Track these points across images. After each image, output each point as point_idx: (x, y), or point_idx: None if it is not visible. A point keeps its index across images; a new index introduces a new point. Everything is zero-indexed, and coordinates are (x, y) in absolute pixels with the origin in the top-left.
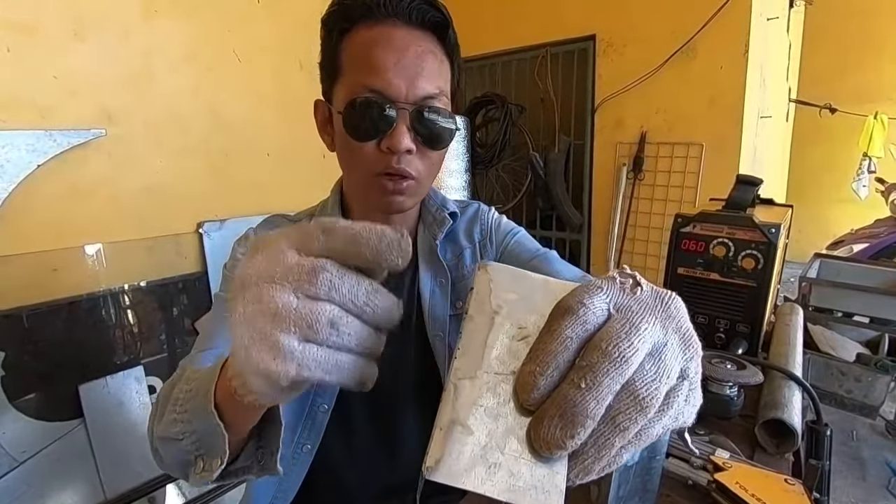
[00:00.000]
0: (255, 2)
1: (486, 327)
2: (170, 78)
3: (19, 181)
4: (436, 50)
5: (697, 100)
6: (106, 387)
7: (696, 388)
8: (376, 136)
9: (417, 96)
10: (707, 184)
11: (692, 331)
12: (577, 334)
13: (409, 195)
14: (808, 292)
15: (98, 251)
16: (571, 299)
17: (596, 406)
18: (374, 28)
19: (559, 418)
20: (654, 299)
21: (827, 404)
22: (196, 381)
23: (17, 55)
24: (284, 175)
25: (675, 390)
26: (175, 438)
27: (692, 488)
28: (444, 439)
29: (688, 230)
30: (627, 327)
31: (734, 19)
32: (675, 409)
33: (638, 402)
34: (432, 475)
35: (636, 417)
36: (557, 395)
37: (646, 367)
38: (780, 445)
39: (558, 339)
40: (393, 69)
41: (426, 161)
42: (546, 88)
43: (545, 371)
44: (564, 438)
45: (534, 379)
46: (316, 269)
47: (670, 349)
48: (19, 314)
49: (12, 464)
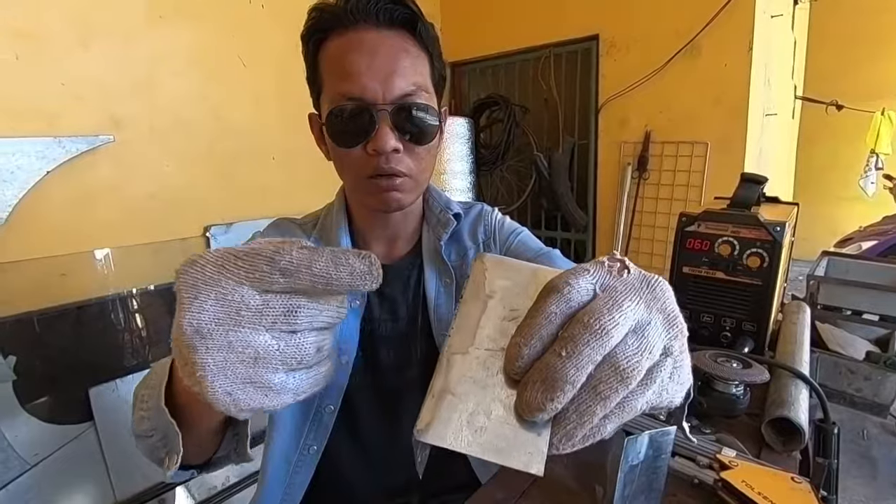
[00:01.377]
0: (259, 7)
1: (480, 310)
2: (175, 84)
3: (29, 188)
4: (409, 46)
5: (702, 98)
6: (115, 390)
7: (682, 367)
8: (361, 141)
9: (395, 95)
10: (712, 183)
11: (677, 312)
12: (561, 310)
13: (405, 192)
14: (815, 290)
15: (106, 256)
16: (558, 280)
17: (575, 373)
18: (345, 35)
19: (541, 383)
20: (640, 282)
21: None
22: (157, 376)
23: (26, 63)
24: (290, 178)
25: (659, 366)
26: (145, 436)
27: (698, 487)
28: (434, 405)
29: (692, 229)
30: (610, 304)
31: (738, 17)
32: (658, 384)
33: (619, 372)
34: (422, 437)
35: (617, 387)
36: (540, 363)
37: (628, 342)
38: (787, 444)
39: (543, 314)
40: (367, 73)
41: (415, 157)
42: (549, 89)
43: (529, 342)
44: (545, 401)
45: (519, 350)
46: (291, 309)
47: (654, 327)
48: (30, 319)
49: (24, 466)
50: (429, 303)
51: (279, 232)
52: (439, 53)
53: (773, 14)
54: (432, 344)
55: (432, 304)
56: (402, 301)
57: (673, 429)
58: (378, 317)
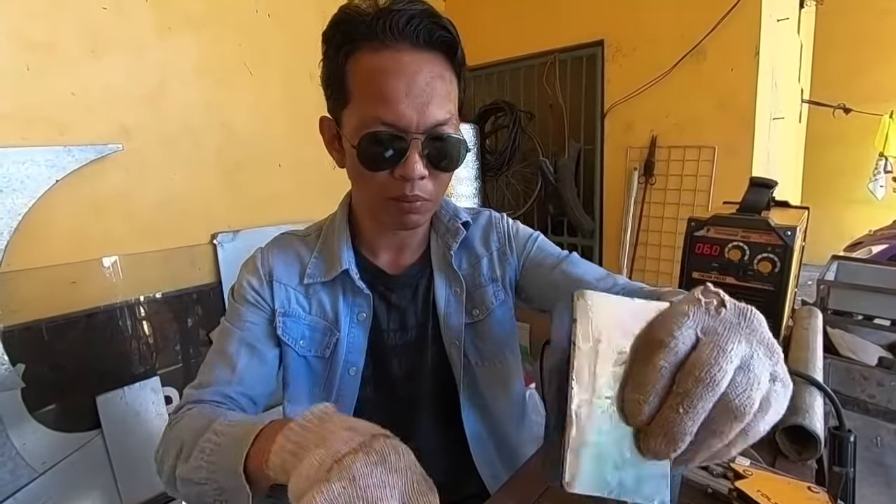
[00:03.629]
0: (266, 16)
1: (593, 357)
2: (183, 92)
3: (39, 196)
4: (444, 72)
5: (708, 103)
6: (123, 397)
7: (788, 382)
8: (390, 166)
9: (428, 124)
10: (720, 187)
11: (773, 339)
12: (670, 363)
13: (423, 213)
14: (826, 295)
15: (114, 263)
16: (663, 332)
17: (693, 424)
18: (382, 53)
19: (663, 437)
20: (738, 317)
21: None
22: (225, 437)
23: (37, 73)
24: (296, 186)
25: (771, 393)
26: (199, 482)
27: (712, 497)
28: (576, 459)
29: (701, 234)
30: (716, 352)
31: (744, 21)
32: (774, 408)
33: (731, 411)
34: (572, 489)
35: (732, 424)
36: (660, 418)
37: (737, 380)
38: (802, 452)
39: (655, 370)
40: (405, 101)
41: (439, 182)
42: (555, 94)
43: (648, 399)
44: (668, 452)
45: (639, 407)
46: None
47: (757, 360)
48: (38, 326)
49: (32, 474)
50: (438, 311)
51: (281, 248)
52: (466, 75)
53: (780, 18)
54: (443, 352)
55: (442, 312)
56: (411, 310)
57: None
58: (387, 327)
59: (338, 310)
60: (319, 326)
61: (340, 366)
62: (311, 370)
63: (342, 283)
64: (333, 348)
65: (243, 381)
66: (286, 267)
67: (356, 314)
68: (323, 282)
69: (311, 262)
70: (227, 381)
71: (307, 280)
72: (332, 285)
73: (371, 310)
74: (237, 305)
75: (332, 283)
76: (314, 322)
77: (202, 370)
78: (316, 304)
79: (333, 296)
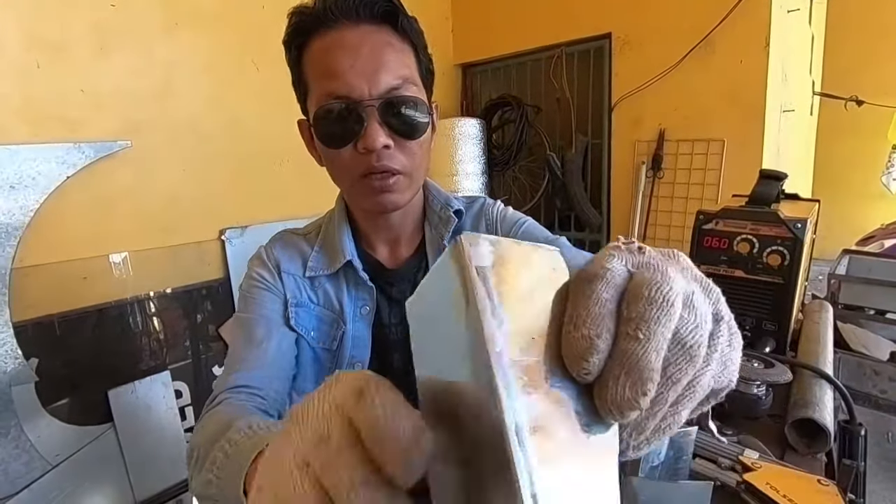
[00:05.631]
0: (272, 12)
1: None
2: (191, 89)
3: (50, 192)
4: (392, 40)
5: (717, 95)
6: (134, 392)
7: (736, 330)
8: (351, 140)
9: (381, 90)
10: (729, 181)
11: (706, 278)
12: (611, 295)
13: (400, 191)
14: (837, 290)
15: (124, 259)
16: (593, 267)
17: (657, 358)
18: (327, 35)
19: (625, 376)
20: (664, 255)
21: (860, 405)
22: (234, 450)
23: (47, 71)
24: (303, 182)
25: (716, 333)
26: (211, 498)
27: (720, 489)
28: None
29: (710, 227)
30: (658, 274)
31: (754, 12)
32: (720, 353)
33: (686, 350)
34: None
35: (686, 367)
36: (617, 353)
37: (684, 316)
38: (812, 446)
39: (599, 302)
40: (350, 70)
41: (407, 153)
42: (562, 88)
43: (601, 333)
44: (637, 396)
45: (591, 343)
46: None
47: (697, 296)
48: (51, 321)
49: (46, 467)
50: None
51: (283, 243)
52: (424, 46)
53: (790, 9)
54: None
55: None
56: None
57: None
58: (388, 322)
59: (343, 302)
60: (327, 318)
61: (346, 359)
62: (319, 362)
63: (345, 275)
64: (340, 341)
65: (276, 361)
66: (290, 259)
67: (359, 308)
68: (327, 274)
69: (313, 256)
70: (261, 364)
71: (309, 273)
72: (336, 278)
73: (374, 303)
74: (252, 296)
75: (336, 276)
76: (322, 313)
77: (230, 360)
78: (323, 296)
79: (338, 288)
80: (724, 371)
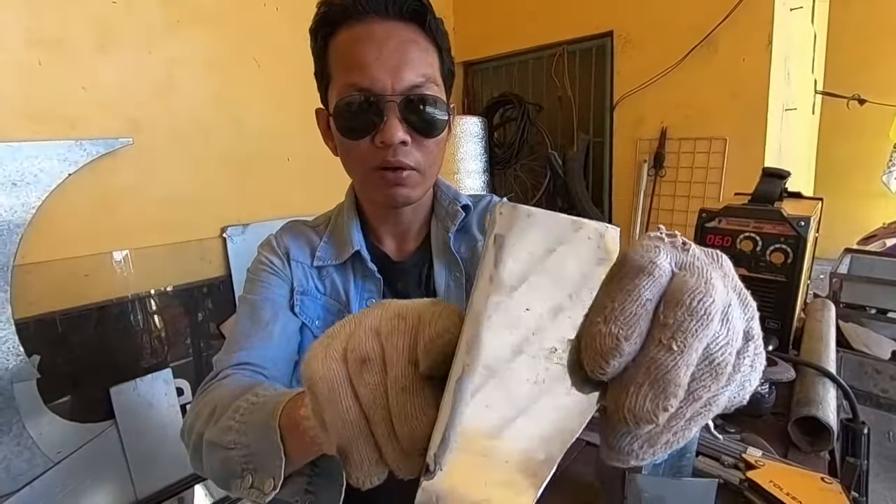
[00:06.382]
0: (274, 10)
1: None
2: (192, 87)
3: (51, 190)
4: (418, 38)
5: (719, 94)
6: (136, 389)
7: (761, 350)
8: (369, 133)
9: (404, 87)
10: (731, 179)
11: (745, 289)
12: (654, 296)
13: (412, 186)
14: (839, 288)
15: (126, 257)
16: (637, 258)
17: (686, 373)
18: (355, 27)
19: (649, 386)
20: (708, 256)
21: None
22: (265, 397)
23: (48, 68)
24: (305, 179)
25: (742, 353)
26: (226, 447)
27: (724, 487)
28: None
29: (713, 225)
30: (702, 282)
31: (756, 11)
32: (741, 375)
33: (713, 367)
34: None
35: (710, 385)
36: (645, 360)
37: (718, 330)
38: (815, 444)
39: (639, 301)
40: (375, 63)
41: (423, 150)
42: (563, 87)
43: (631, 335)
44: (657, 411)
45: (618, 344)
46: None
47: (734, 309)
48: (53, 318)
49: (48, 464)
50: (438, 297)
51: (292, 234)
52: (448, 48)
53: (793, 7)
54: None
55: (442, 297)
56: (415, 297)
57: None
58: None
59: (349, 293)
60: (333, 308)
61: None
62: None
63: (353, 266)
64: None
65: (281, 344)
66: (299, 248)
67: (366, 300)
68: (335, 265)
69: (321, 246)
70: (265, 345)
71: (317, 262)
72: (344, 269)
73: (380, 296)
74: (260, 279)
75: (344, 267)
76: (328, 303)
77: (233, 338)
78: (330, 285)
79: (345, 279)
80: (740, 391)
